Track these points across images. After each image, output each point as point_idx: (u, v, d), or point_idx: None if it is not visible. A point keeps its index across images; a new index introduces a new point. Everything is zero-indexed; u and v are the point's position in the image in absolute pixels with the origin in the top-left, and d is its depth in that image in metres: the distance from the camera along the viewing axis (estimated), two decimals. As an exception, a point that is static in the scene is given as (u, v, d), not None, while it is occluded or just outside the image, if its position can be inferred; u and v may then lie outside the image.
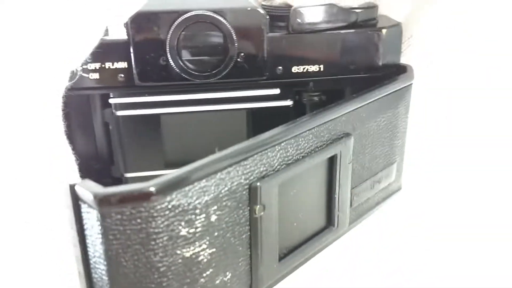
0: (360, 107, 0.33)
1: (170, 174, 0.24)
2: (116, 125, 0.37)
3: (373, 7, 0.38)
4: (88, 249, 0.24)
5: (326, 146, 0.31)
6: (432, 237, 0.38)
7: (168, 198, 0.23)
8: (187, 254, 0.25)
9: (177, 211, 0.24)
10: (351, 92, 0.40)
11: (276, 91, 0.37)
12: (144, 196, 0.23)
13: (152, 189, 0.23)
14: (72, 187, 0.23)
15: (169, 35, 0.34)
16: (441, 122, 0.44)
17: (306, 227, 0.33)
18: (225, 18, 0.34)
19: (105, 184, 0.41)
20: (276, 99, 0.38)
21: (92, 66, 0.34)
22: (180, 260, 0.25)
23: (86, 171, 0.31)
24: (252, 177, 0.27)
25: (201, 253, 0.26)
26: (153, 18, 0.34)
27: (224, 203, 0.26)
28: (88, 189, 0.23)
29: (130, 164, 0.38)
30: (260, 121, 0.39)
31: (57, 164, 0.29)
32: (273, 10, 0.37)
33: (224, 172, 0.26)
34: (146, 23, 0.34)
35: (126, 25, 0.34)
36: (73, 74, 0.34)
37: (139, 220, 0.23)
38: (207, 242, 0.26)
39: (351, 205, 0.35)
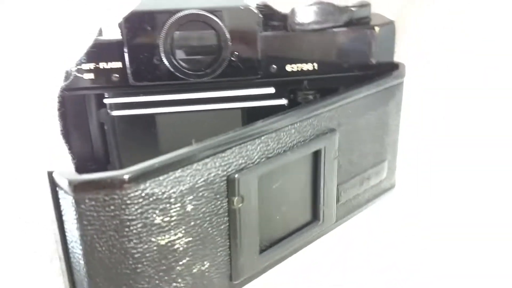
0: (346, 103, 0.34)
1: (144, 163, 0.25)
2: (112, 125, 0.37)
3: (366, 5, 0.38)
4: (66, 233, 0.25)
5: (309, 141, 0.32)
6: (428, 236, 0.38)
7: (142, 187, 0.24)
8: (162, 242, 0.26)
9: (151, 199, 0.25)
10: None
11: (271, 90, 0.38)
12: (117, 183, 0.23)
13: (125, 176, 0.24)
14: (50, 174, 0.24)
15: (163, 35, 0.34)
16: (438, 122, 0.44)
17: (290, 221, 0.33)
18: (218, 17, 0.34)
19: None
20: (270, 98, 0.38)
21: (86, 66, 0.35)
22: (155, 248, 0.25)
23: (83, 171, 0.32)
24: (230, 169, 0.28)
25: (177, 241, 0.26)
26: (146, 18, 0.34)
27: (200, 194, 0.27)
28: (64, 176, 0.23)
29: (126, 163, 0.38)
30: (255, 121, 0.39)
31: (53, 164, 0.30)
32: (267, 9, 0.38)
33: (201, 163, 0.26)
34: (140, 22, 0.34)
35: (120, 25, 0.34)
36: (68, 74, 0.34)
37: (112, 207, 0.24)
38: (183, 231, 0.26)
39: (338, 200, 0.35)
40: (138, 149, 0.38)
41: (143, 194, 0.24)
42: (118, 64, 0.35)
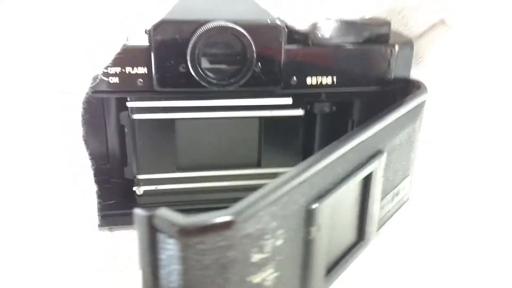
0: (390, 123, 0.34)
1: (244, 201, 0.23)
2: (131, 128, 0.37)
3: (386, 24, 0.39)
4: (162, 281, 0.23)
5: (364, 164, 0.32)
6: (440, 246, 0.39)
7: (245, 225, 0.23)
8: (256, 280, 0.25)
9: (252, 237, 0.23)
10: (360, 104, 0.41)
11: (289, 100, 0.38)
12: (227, 224, 0.22)
13: (234, 217, 0.22)
14: (149, 218, 0.22)
15: (190, 44, 0.34)
16: (450, 132, 0.45)
17: (342, 243, 0.33)
18: (245, 30, 0.34)
19: (118, 184, 0.41)
20: (288, 109, 0.39)
21: (112, 70, 0.34)
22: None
23: (99, 173, 0.31)
24: (309, 199, 0.27)
25: (267, 278, 0.25)
26: (175, 27, 0.34)
27: (288, 226, 0.26)
28: (169, 219, 0.22)
29: (143, 166, 0.38)
30: (272, 129, 0.40)
31: (74, 169, 0.28)
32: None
33: (289, 195, 0.26)
34: (169, 31, 0.34)
35: (148, 32, 0.34)
36: (94, 79, 0.33)
37: (218, 250, 0.22)
38: (273, 267, 0.25)
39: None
40: (156, 152, 0.38)
41: (245, 233, 0.23)
42: (144, 70, 0.35)
